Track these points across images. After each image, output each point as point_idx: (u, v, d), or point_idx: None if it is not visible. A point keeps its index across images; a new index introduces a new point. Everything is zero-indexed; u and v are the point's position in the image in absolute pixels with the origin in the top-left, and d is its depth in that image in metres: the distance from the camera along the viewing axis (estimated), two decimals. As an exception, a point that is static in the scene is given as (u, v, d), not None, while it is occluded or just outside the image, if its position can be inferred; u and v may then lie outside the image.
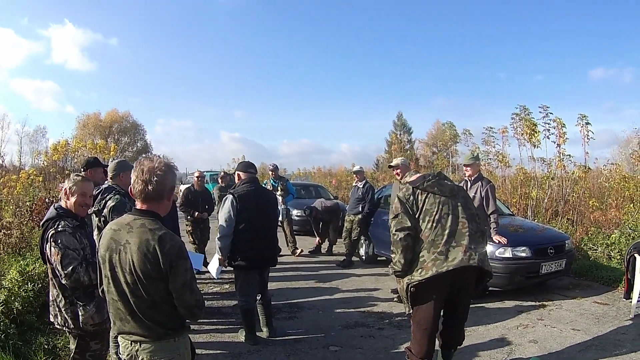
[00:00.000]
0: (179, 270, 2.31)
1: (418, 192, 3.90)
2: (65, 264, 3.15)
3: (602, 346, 5.02)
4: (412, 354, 3.95)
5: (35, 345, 4.72)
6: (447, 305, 4.01)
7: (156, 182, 2.37)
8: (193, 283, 2.39)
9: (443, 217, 3.78)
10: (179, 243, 2.37)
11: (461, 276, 3.75)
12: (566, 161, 12.03)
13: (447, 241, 3.69)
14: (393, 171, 7.58)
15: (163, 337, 2.40)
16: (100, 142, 20.16)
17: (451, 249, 3.67)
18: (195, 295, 2.39)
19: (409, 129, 44.37)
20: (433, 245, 3.69)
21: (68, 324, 3.33)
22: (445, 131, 22.44)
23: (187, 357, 2.54)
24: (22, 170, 15.87)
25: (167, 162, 2.48)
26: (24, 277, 5.63)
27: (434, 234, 3.73)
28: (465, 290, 3.93)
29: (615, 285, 7.45)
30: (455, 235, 3.73)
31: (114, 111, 48.83)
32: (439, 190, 3.88)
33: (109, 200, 4.14)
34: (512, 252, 6.66)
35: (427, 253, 3.68)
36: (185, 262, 2.35)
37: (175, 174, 2.51)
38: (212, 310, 6.37)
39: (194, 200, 8.51)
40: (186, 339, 2.54)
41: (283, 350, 5.04)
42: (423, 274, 3.61)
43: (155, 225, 2.36)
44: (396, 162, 7.36)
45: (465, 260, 3.62)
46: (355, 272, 8.88)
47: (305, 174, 35.40)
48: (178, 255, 2.31)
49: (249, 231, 5.11)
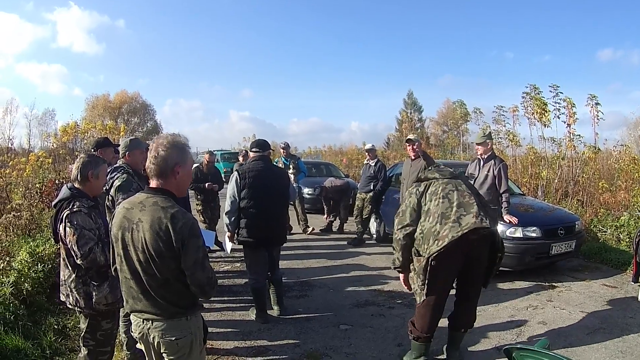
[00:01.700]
0: (191, 248, 2.29)
1: (422, 185, 4.05)
2: (81, 244, 3.15)
3: (609, 329, 5.02)
4: (415, 329, 4.02)
5: (45, 326, 4.77)
6: (460, 282, 4.06)
7: (159, 158, 2.37)
8: (205, 261, 2.37)
9: (449, 193, 3.89)
10: (192, 221, 2.35)
11: (476, 246, 3.81)
12: (576, 141, 11.94)
13: (457, 211, 3.77)
14: (408, 146, 7.57)
15: (175, 315, 2.40)
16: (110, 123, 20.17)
17: (462, 217, 3.73)
18: (207, 273, 2.37)
19: (419, 108, 43.92)
20: (444, 217, 3.75)
21: (80, 303, 3.32)
22: (456, 110, 22.23)
23: (199, 336, 2.53)
24: (31, 153, 15.91)
25: (173, 139, 2.46)
26: (33, 258, 5.66)
27: (443, 207, 3.81)
28: (480, 262, 3.96)
29: (623, 268, 7.43)
30: (463, 206, 3.81)
31: (123, 92, 48.88)
32: (440, 174, 4.05)
33: (115, 179, 4.10)
34: (523, 232, 6.64)
35: (439, 225, 3.73)
36: (198, 239, 2.33)
37: (185, 151, 2.47)
38: (223, 289, 6.39)
39: (203, 179, 8.51)
40: (198, 317, 2.54)
41: (293, 328, 5.07)
42: (440, 244, 3.64)
43: (167, 203, 2.34)
44: (415, 137, 7.38)
45: (478, 223, 3.67)
46: (366, 250, 8.88)
47: (316, 153, 35.39)
48: (190, 233, 2.29)
49: (253, 208, 5.12)
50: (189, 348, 2.46)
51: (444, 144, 23.29)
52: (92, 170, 3.37)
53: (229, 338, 4.84)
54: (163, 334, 2.40)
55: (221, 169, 10.52)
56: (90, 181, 3.38)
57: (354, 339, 4.81)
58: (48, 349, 4.35)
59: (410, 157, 7.58)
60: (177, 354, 2.45)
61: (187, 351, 2.46)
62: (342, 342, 4.72)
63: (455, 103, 24.24)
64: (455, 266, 3.84)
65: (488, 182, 6.34)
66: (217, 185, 8.62)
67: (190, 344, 2.46)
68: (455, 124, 23.06)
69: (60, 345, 4.52)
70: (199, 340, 2.53)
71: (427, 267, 3.70)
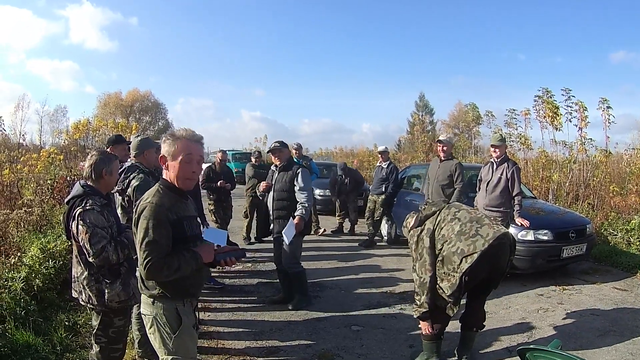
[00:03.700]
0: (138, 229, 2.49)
1: (426, 224, 4.06)
2: (94, 242, 3.14)
3: (620, 331, 5.01)
4: (432, 329, 4.05)
5: (55, 322, 4.79)
6: (476, 288, 4.05)
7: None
8: (144, 243, 2.47)
9: (455, 214, 3.98)
10: (150, 204, 2.52)
11: (500, 255, 3.84)
12: (587, 145, 11.91)
13: (472, 226, 3.79)
14: (439, 146, 7.59)
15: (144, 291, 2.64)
16: (122, 121, 20.30)
17: (479, 229, 3.73)
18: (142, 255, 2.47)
19: (430, 110, 43.62)
20: (462, 234, 3.75)
21: (92, 300, 3.31)
22: (468, 112, 22.14)
23: (172, 323, 2.61)
24: (42, 149, 16.00)
25: (169, 133, 2.74)
26: (44, 254, 5.69)
27: (457, 227, 3.83)
28: (500, 271, 3.98)
29: (634, 271, 7.39)
30: (474, 220, 3.85)
31: (135, 90, 49.11)
32: (436, 207, 4.12)
33: (132, 179, 4.10)
34: (535, 235, 6.63)
35: (461, 243, 3.71)
36: (145, 221, 2.47)
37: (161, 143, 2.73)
38: (235, 289, 6.41)
39: (215, 178, 8.49)
40: (167, 305, 2.61)
41: (305, 329, 5.07)
42: (470, 260, 3.62)
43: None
44: (446, 138, 7.54)
45: (497, 231, 3.69)
46: (377, 252, 8.90)
47: (327, 154, 35.37)
48: (140, 213, 2.53)
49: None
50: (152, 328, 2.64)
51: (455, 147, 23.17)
52: (105, 168, 3.37)
53: (241, 338, 4.83)
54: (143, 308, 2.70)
55: (232, 169, 10.48)
56: (104, 178, 3.38)
57: (366, 339, 4.81)
58: (59, 345, 4.36)
59: (439, 157, 7.56)
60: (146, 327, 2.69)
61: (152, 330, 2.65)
62: (354, 343, 4.72)
63: (467, 106, 24.20)
64: (479, 276, 3.83)
65: (501, 185, 6.30)
66: (229, 184, 8.59)
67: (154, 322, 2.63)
68: (467, 126, 22.93)
69: (71, 342, 4.53)
70: (166, 326, 2.62)
71: (461, 284, 3.70)
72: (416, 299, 3.97)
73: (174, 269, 2.47)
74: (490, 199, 6.36)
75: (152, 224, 2.44)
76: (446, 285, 3.75)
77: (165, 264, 2.45)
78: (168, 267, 2.45)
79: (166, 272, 2.45)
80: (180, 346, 2.62)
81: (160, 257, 2.44)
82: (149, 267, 2.42)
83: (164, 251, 2.46)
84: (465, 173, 8.76)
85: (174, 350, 2.60)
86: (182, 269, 2.50)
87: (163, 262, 2.44)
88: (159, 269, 2.44)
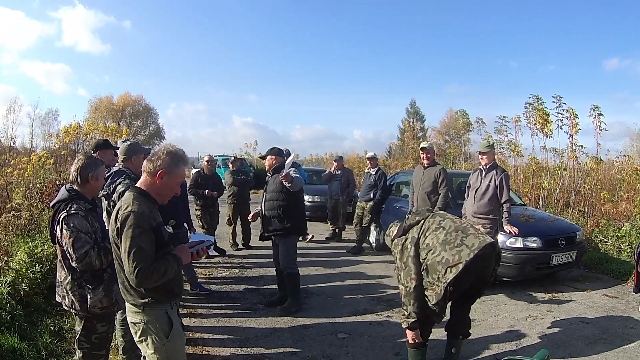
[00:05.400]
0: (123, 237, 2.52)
1: (411, 232, 4.02)
2: (77, 247, 3.14)
3: (610, 339, 4.99)
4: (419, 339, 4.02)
5: (41, 327, 4.76)
6: (461, 296, 4.04)
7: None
8: (132, 251, 2.50)
9: (440, 223, 3.92)
10: (133, 213, 2.54)
11: (486, 265, 3.83)
12: (578, 152, 11.97)
13: (457, 235, 3.75)
14: (422, 153, 7.65)
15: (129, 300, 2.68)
16: (112, 125, 20.27)
17: (464, 239, 3.69)
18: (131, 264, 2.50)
19: (421, 117, 43.72)
20: (447, 244, 3.72)
21: (75, 305, 3.31)
22: (459, 119, 22.30)
23: (165, 328, 2.67)
24: (33, 153, 15.96)
25: (179, 152, 2.80)
26: (32, 258, 5.67)
27: (442, 236, 3.79)
28: (485, 281, 3.97)
29: (624, 278, 7.39)
30: (459, 230, 3.80)
31: (127, 94, 48.66)
32: (420, 216, 4.06)
33: (118, 184, 4.09)
34: (523, 242, 6.61)
35: (445, 252, 3.68)
36: (130, 230, 2.50)
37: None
38: (221, 295, 6.39)
39: (203, 184, 8.52)
40: (158, 311, 2.67)
41: (291, 336, 5.04)
42: (455, 271, 3.59)
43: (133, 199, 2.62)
44: (429, 145, 7.57)
45: (483, 241, 3.65)
46: (365, 259, 8.88)
47: (318, 160, 35.42)
48: (123, 222, 2.53)
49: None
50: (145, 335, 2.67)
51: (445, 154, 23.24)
52: (92, 172, 3.37)
53: (226, 345, 4.81)
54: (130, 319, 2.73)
55: (222, 174, 10.46)
56: (90, 183, 3.37)
57: (352, 347, 4.79)
58: (44, 350, 4.34)
59: (423, 165, 7.63)
60: (135, 335, 2.72)
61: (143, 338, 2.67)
62: (340, 351, 4.70)
63: (457, 113, 24.34)
64: (464, 286, 3.82)
65: (490, 192, 6.29)
66: (216, 192, 8.61)
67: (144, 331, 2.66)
68: (457, 133, 23.06)
69: (56, 347, 4.50)
70: (159, 331, 2.67)
71: (446, 294, 3.67)
72: (403, 309, 3.92)
73: (162, 273, 2.53)
74: (478, 206, 6.35)
75: (138, 232, 2.49)
76: (431, 294, 3.74)
77: (155, 270, 2.50)
78: (157, 272, 2.51)
79: (156, 277, 2.51)
80: (173, 351, 2.68)
81: (148, 264, 2.49)
82: (139, 274, 2.46)
83: (150, 258, 2.51)
84: (454, 180, 8.80)
85: (167, 356, 2.65)
86: (168, 273, 2.57)
87: (152, 268, 2.50)
88: (149, 276, 2.49)
